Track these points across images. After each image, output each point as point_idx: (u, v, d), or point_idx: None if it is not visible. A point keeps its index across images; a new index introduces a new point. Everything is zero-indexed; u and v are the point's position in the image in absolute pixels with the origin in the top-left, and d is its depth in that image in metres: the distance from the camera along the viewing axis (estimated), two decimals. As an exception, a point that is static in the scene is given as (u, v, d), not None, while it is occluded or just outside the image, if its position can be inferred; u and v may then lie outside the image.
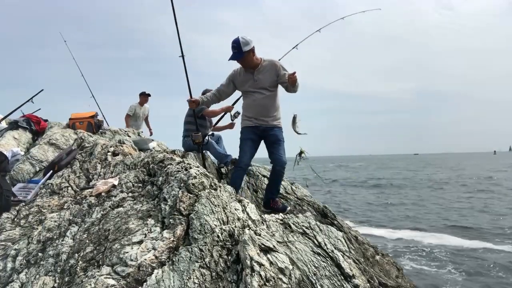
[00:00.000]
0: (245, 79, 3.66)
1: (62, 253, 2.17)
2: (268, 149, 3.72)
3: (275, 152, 3.63)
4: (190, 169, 2.66)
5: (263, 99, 3.62)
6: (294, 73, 3.40)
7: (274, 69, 3.60)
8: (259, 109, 3.65)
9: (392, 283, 2.70)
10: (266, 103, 3.64)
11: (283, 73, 3.57)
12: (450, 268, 6.43)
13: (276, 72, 3.60)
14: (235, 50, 3.46)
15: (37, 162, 4.27)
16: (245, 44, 3.43)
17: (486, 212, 12.06)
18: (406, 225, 10.30)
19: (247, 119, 3.74)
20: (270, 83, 3.62)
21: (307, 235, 2.40)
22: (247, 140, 3.72)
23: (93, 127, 5.74)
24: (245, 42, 3.43)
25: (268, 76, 3.60)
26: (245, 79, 3.66)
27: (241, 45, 3.42)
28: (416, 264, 6.71)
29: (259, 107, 3.64)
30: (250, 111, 3.71)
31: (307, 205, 4.06)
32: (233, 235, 2.14)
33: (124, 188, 2.83)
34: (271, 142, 3.68)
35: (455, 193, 17.64)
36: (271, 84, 3.62)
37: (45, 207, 2.87)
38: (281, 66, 3.62)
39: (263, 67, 3.61)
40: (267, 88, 3.61)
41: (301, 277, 2.00)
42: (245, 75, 3.65)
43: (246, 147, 3.71)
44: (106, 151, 3.83)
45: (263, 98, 3.62)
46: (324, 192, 19.24)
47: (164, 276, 1.86)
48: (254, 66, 3.58)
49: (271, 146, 3.67)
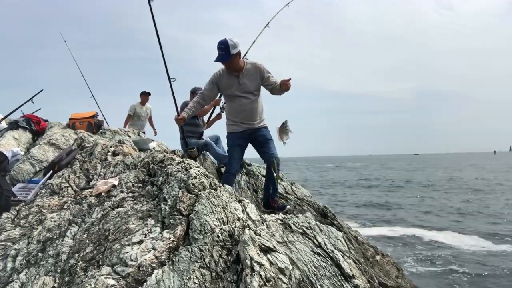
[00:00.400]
0: (230, 83, 3.57)
1: (62, 253, 2.17)
2: (259, 149, 3.71)
3: (268, 151, 3.65)
4: (190, 169, 2.66)
5: (250, 103, 3.59)
6: (289, 80, 3.39)
7: (259, 72, 3.55)
8: (246, 113, 3.63)
9: (392, 283, 2.70)
10: (253, 107, 3.62)
11: (268, 76, 3.55)
12: (451, 268, 6.43)
13: (260, 75, 3.56)
14: (222, 52, 3.37)
15: (37, 162, 4.27)
16: (233, 46, 3.35)
17: (484, 213, 12.07)
18: (406, 225, 10.31)
19: (234, 123, 3.70)
20: (255, 87, 3.58)
21: (307, 235, 2.40)
22: (236, 147, 3.74)
23: (93, 127, 5.74)
24: (233, 45, 3.34)
25: (253, 79, 3.56)
26: (230, 83, 3.57)
27: (230, 47, 3.34)
28: (416, 264, 6.71)
29: (246, 111, 3.62)
30: (237, 115, 3.67)
31: (307, 205, 4.06)
32: (233, 235, 2.14)
33: (124, 188, 2.83)
34: (260, 142, 3.69)
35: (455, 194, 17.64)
36: (256, 88, 3.59)
37: (45, 207, 2.87)
38: (265, 69, 3.57)
39: (247, 71, 3.54)
40: (253, 92, 3.58)
41: (301, 277, 2.00)
42: (230, 78, 3.57)
43: (235, 153, 3.75)
44: (106, 151, 3.83)
45: (249, 102, 3.58)
46: (324, 194, 19.26)
47: (164, 276, 1.86)
48: (239, 69, 3.51)
49: (262, 146, 3.68)
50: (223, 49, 3.35)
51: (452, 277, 5.97)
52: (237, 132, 3.68)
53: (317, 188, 21.36)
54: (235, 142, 3.72)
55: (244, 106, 3.59)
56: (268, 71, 3.58)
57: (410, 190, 19.70)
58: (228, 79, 3.57)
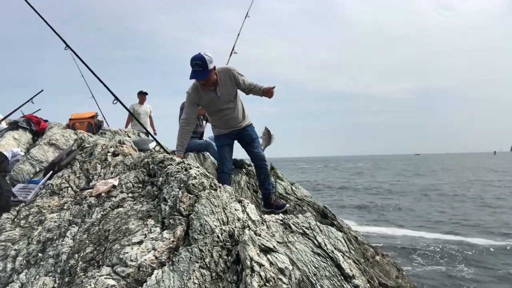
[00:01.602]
0: (209, 99, 3.45)
1: (62, 254, 2.17)
2: (246, 148, 3.77)
3: (254, 150, 3.73)
4: (190, 169, 2.65)
5: (233, 111, 3.58)
6: (273, 88, 3.36)
7: (233, 78, 3.46)
8: (231, 121, 3.65)
9: (392, 283, 2.70)
10: (237, 113, 3.63)
11: (242, 80, 3.48)
12: (452, 268, 6.43)
13: (235, 81, 3.48)
14: (199, 68, 3.14)
15: (37, 163, 4.27)
16: (210, 61, 3.16)
17: (486, 210, 12.08)
18: (408, 226, 10.30)
19: (220, 128, 3.73)
20: (233, 94, 3.54)
21: (307, 236, 2.40)
22: (225, 147, 3.77)
23: (93, 128, 5.74)
24: (209, 59, 3.15)
25: (230, 86, 3.47)
26: (209, 99, 3.45)
27: (207, 63, 3.13)
28: (417, 264, 6.70)
29: (232, 119, 3.63)
30: (222, 125, 3.68)
31: (307, 206, 4.07)
32: (233, 235, 2.14)
33: (124, 189, 2.83)
34: (247, 142, 3.74)
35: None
36: (234, 94, 3.55)
37: (45, 207, 2.87)
38: (237, 73, 3.47)
39: (222, 80, 3.41)
40: (232, 100, 3.54)
41: (301, 278, 2.00)
42: (207, 93, 3.42)
43: (226, 153, 3.78)
44: (106, 151, 3.83)
45: (232, 111, 3.57)
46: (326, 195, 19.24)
47: (164, 277, 1.86)
48: (214, 82, 3.37)
49: (249, 145, 3.74)
50: (200, 65, 3.14)
51: (454, 278, 5.96)
52: (224, 134, 3.73)
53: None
54: (224, 142, 3.77)
55: (229, 115, 3.60)
56: (241, 74, 3.49)
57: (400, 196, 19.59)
58: (206, 95, 3.43)
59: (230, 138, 3.76)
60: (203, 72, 3.16)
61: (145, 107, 7.86)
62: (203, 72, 3.17)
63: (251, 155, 3.76)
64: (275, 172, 4.62)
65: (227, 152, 3.78)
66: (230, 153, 3.84)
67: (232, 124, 3.67)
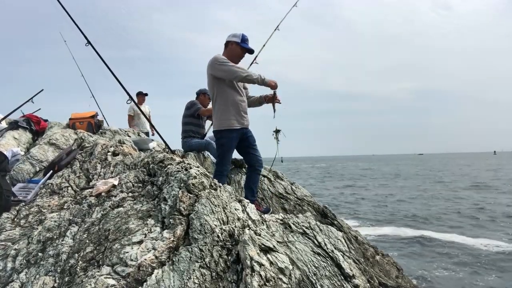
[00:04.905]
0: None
1: (62, 253, 2.17)
2: (247, 150, 3.64)
3: (256, 154, 3.66)
4: (190, 169, 2.65)
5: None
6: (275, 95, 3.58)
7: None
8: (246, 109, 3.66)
9: (392, 283, 2.70)
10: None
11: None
12: (452, 268, 6.42)
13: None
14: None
15: (37, 162, 4.26)
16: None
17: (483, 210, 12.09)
18: (406, 224, 10.30)
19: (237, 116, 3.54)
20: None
21: (307, 235, 2.40)
22: (232, 149, 3.60)
23: (93, 127, 5.74)
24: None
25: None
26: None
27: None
28: (417, 264, 6.70)
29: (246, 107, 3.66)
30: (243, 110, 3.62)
31: (307, 205, 4.06)
32: (233, 235, 2.14)
33: (124, 188, 2.83)
34: (250, 143, 3.63)
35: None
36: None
37: (45, 207, 2.87)
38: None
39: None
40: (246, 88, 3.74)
41: (301, 277, 2.00)
42: None
43: (230, 156, 3.68)
44: (106, 151, 3.83)
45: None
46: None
47: (164, 276, 1.86)
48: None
49: (251, 148, 3.64)
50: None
51: (456, 278, 5.97)
52: (236, 130, 3.48)
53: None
54: (232, 142, 3.52)
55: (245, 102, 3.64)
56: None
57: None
58: None
59: (238, 138, 3.53)
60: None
61: (144, 108, 7.89)
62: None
63: (253, 158, 3.63)
64: (275, 172, 4.61)
65: (231, 155, 3.67)
66: (232, 156, 3.76)
67: (247, 112, 3.59)
